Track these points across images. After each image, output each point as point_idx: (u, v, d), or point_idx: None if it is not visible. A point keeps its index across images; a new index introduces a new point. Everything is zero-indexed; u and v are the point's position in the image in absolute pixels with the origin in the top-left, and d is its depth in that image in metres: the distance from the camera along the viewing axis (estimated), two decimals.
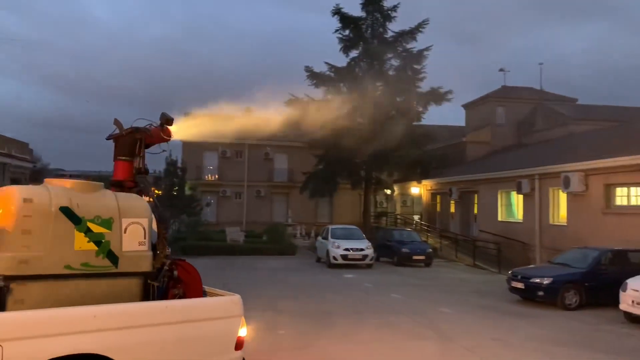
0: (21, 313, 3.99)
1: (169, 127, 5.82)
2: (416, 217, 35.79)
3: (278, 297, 13.48)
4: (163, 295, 4.94)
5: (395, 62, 29.74)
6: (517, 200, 23.61)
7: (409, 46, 29.35)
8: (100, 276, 4.53)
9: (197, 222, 28.98)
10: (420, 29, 28.75)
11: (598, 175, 18.01)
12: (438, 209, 32.85)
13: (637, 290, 11.29)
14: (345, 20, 29.05)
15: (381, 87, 29.07)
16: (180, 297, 4.94)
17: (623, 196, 17.67)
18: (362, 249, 21.51)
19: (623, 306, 11.62)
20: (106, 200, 4.69)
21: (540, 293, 13.48)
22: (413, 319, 11.36)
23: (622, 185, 17.57)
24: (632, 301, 11.33)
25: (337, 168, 28.73)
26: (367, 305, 12.73)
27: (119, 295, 4.58)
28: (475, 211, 27.78)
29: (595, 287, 13.25)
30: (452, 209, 30.57)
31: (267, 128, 10.10)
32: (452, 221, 30.21)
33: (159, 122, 5.78)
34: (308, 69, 29.18)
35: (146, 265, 4.82)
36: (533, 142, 30.32)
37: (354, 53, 29.60)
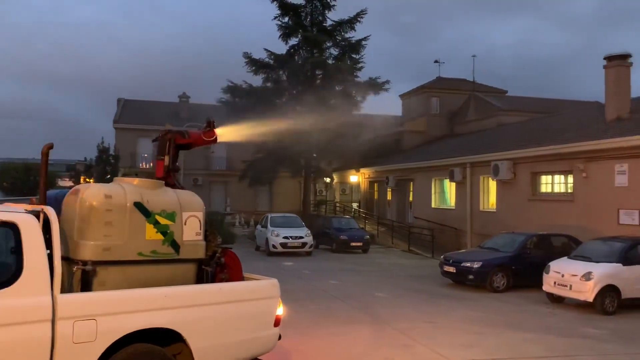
0: (110, 293, 4.69)
1: (214, 130, 6.41)
2: (355, 205, 36.34)
3: None
4: (212, 279, 5.58)
5: (334, 51, 29.88)
6: (450, 187, 24.47)
7: (347, 35, 29.56)
8: (165, 262, 5.21)
9: None
10: (359, 19, 28.98)
11: (525, 164, 18.95)
12: (376, 196, 33.50)
13: (558, 272, 12.02)
14: (285, 7, 28.83)
15: (320, 75, 29.14)
16: (226, 281, 5.61)
17: (547, 184, 18.70)
18: (301, 237, 21.64)
19: (546, 287, 12.36)
20: (169, 196, 5.40)
21: (471, 276, 14.09)
22: (349, 304, 11.58)
23: (546, 173, 18.59)
24: (554, 282, 12.07)
25: (276, 156, 28.61)
26: (305, 292, 12.83)
27: (178, 278, 5.26)
28: (411, 198, 28.55)
29: (522, 270, 14.00)
30: (389, 197, 31.26)
31: None
32: (389, 208, 30.90)
33: (204, 126, 6.43)
34: (247, 56, 28.78)
35: (201, 253, 5.51)
36: (465, 132, 31.43)
37: (293, 40, 29.49)
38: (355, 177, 35.50)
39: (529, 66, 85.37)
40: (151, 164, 37.33)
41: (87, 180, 32.72)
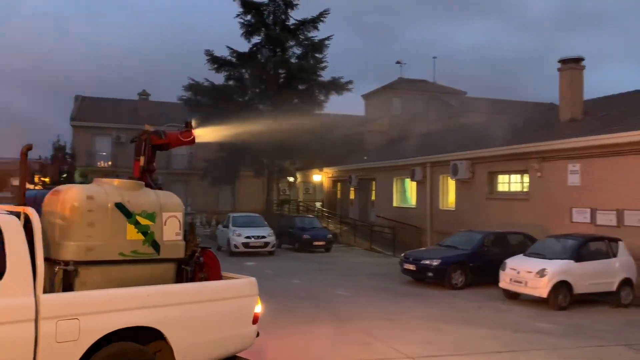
0: (92, 292, 4.76)
1: (191, 131, 6.44)
2: (318, 204, 36.39)
3: None
4: (191, 278, 5.65)
5: (297, 51, 29.83)
6: (411, 187, 24.80)
7: (310, 35, 29.54)
8: (145, 262, 5.29)
9: None
10: (322, 18, 29.00)
11: (482, 163, 19.39)
12: (339, 195, 33.65)
13: (514, 269, 12.35)
14: (247, 5, 28.59)
15: (283, 74, 29.05)
16: (205, 280, 5.70)
17: (504, 183, 19.18)
18: (263, 237, 21.53)
19: (502, 284, 12.67)
20: (149, 197, 5.48)
21: (430, 274, 14.31)
22: (311, 303, 11.58)
23: (503, 172, 19.07)
24: (510, 279, 12.39)
25: (239, 156, 28.36)
26: (267, 292, 12.64)
27: (158, 278, 5.34)
28: (373, 197, 28.81)
29: (479, 267, 14.30)
30: (352, 196, 31.46)
31: None
32: (351, 207, 31.09)
33: (182, 127, 6.49)
34: (208, 53, 28.40)
35: (180, 252, 5.61)
36: (426, 132, 31.93)
37: (256, 39, 29.26)
38: (318, 177, 35.55)
39: (488, 68, 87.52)
40: (109, 163, 36.51)
41: (42, 179, 31.68)
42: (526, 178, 17.77)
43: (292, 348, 8.10)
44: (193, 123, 6.66)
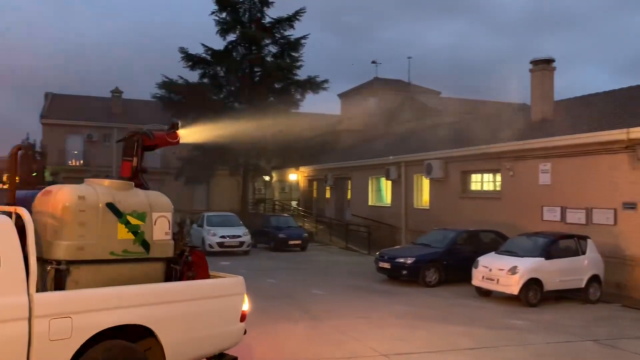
0: (85, 291, 4.85)
1: (176, 132, 6.53)
2: (294, 203, 36.34)
3: None
4: (180, 277, 5.74)
5: (273, 49, 29.71)
6: (386, 185, 24.96)
7: (286, 33, 29.45)
8: (135, 261, 5.38)
9: None
10: (298, 17, 28.95)
11: (456, 163, 19.63)
12: (315, 194, 33.66)
13: (486, 267, 12.53)
14: (222, 2, 28.33)
15: (259, 72, 28.91)
16: (193, 279, 5.76)
17: (477, 182, 19.45)
18: (238, 236, 21.40)
19: (475, 282, 12.84)
20: (139, 197, 5.56)
21: (405, 272, 14.43)
22: (286, 302, 11.55)
23: (476, 172, 19.33)
24: (483, 277, 12.56)
25: (214, 154, 28.12)
26: None
27: (148, 276, 5.43)
28: (349, 196, 28.90)
29: (452, 265, 14.47)
30: (328, 195, 31.49)
31: None
32: (327, 206, 31.13)
33: (165, 128, 6.58)
34: (183, 51, 28.09)
35: (170, 252, 5.70)
36: (401, 132, 32.16)
37: (231, 37, 29.03)
38: (294, 176, 35.49)
39: (462, 68, 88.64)
40: (81, 162, 35.83)
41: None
42: (498, 177, 18.04)
43: (265, 347, 8.06)
44: (179, 124, 6.71)
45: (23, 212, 4.70)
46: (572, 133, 15.15)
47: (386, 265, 14.95)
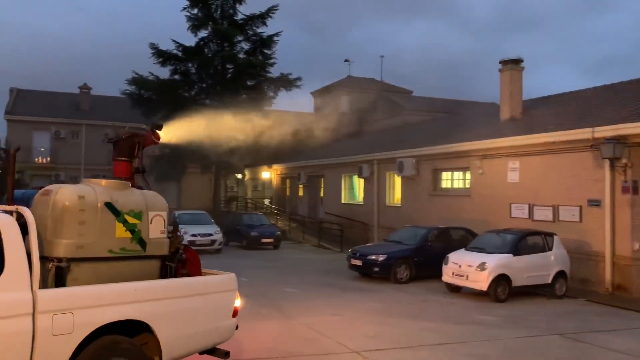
0: (86, 287, 5.03)
1: (158, 132, 6.70)
2: (267, 201, 36.20)
3: None
4: (174, 274, 5.91)
5: (245, 46, 29.50)
6: (359, 183, 25.09)
7: (259, 30, 29.30)
8: (132, 258, 5.55)
9: None
10: (270, 14, 28.82)
11: (427, 161, 19.85)
12: (288, 192, 33.60)
13: (456, 263, 12.71)
14: None
15: (231, 69, 28.67)
16: (187, 276, 5.98)
17: (448, 180, 19.71)
18: (210, 234, 21.21)
19: (445, 278, 13.02)
20: (136, 197, 5.73)
21: (376, 269, 14.54)
22: (258, 301, 11.49)
23: (447, 170, 19.59)
24: (452, 273, 12.74)
25: (185, 151, 27.78)
26: None
27: (144, 274, 5.60)
28: (322, 194, 28.95)
29: (423, 261, 14.64)
30: (301, 193, 31.48)
31: None
32: (300, 204, 31.13)
33: (149, 128, 6.70)
34: (153, 46, 27.67)
35: (165, 249, 5.86)
36: (374, 130, 32.36)
37: (203, 33, 28.74)
38: (267, 174, 35.36)
39: (434, 67, 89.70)
40: (48, 159, 35.00)
41: None
42: (468, 175, 18.31)
43: (237, 345, 8.01)
44: (162, 125, 6.92)
45: (25, 211, 4.86)
46: (540, 132, 15.49)
47: (358, 262, 15.03)
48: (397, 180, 21.86)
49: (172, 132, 7.68)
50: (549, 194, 14.93)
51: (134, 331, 5.20)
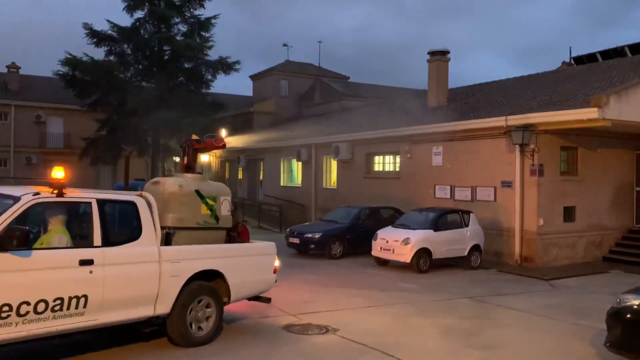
0: (187, 247, 7.21)
1: (222, 138, 8.88)
2: None
3: None
4: (234, 241, 8.01)
5: (182, 28, 29.33)
6: (297, 167, 25.96)
7: (196, 12, 29.19)
8: (210, 229, 7.66)
9: None
10: None
11: (361, 145, 20.98)
12: (227, 175, 33.99)
13: (384, 239, 13.90)
14: None
15: (168, 51, 28.52)
16: (243, 242, 8.12)
17: (380, 163, 20.94)
18: None
19: (374, 252, 14.20)
20: (211, 186, 8.02)
21: (312, 246, 15.54)
22: None
23: (379, 154, 20.81)
24: (381, 248, 13.93)
25: (121, 134, 27.53)
26: None
27: (216, 239, 7.73)
28: (261, 177, 29.62)
29: (355, 238, 15.79)
30: (240, 176, 32.00)
31: None
32: (240, 187, 31.65)
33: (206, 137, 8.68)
34: (87, 27, 27.01)
35: (230, 223, 7.98)
36: (312, 115, 33.25)
37: (139, 13, 28.32)
38: (206, 156, 35.47)
39: (369, 54, 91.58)
40: None
41: None
42: (398, 159, 19.60)
43: None
44: (223, 133, 7.93)
45: (148, 196, 6.98)
46: (460, 119, 16.89)
47: (296, 240, 15.96)
48: (334, 164, 22.90)
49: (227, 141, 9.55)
50: (469, 176, 16.40)
51: (210, 279, 7.26)
